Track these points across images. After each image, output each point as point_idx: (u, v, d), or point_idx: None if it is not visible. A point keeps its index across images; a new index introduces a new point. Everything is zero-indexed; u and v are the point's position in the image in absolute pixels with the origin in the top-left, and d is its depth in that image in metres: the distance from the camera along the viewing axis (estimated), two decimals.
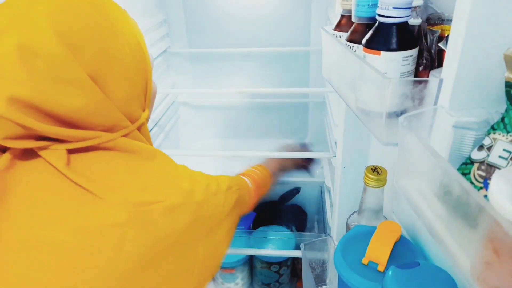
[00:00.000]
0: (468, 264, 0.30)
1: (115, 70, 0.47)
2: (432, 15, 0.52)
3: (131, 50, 0.50)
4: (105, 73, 0.46)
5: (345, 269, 0.52)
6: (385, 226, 0.55)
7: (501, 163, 0.33)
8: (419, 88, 0.42)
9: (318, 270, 0.80)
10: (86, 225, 0.42)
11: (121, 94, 0.49)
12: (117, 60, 0.47)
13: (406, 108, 0.44)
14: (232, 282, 1.30)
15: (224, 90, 1.21)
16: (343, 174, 0.86)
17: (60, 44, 0.41)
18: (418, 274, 0.45)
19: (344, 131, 0.81)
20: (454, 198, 0.31)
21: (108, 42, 0.46)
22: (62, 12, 0.42)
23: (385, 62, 0.46)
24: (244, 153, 1.13)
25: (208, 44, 1.37)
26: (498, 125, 0.34)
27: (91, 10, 0.45)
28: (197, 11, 1.32)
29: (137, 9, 1.11)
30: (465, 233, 0.30)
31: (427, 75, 0.48)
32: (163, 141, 1.31)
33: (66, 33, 0.42)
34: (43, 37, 0.40)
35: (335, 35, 0.62)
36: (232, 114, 1.51)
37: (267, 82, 1.41)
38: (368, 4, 0.51)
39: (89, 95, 0.44)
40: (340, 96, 0.61)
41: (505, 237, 0.24)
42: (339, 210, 0.91)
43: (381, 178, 0.58)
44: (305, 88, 1.39)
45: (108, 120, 0.47)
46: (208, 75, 1.43)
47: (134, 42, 0.52)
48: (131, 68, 0.50)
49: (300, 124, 1.51)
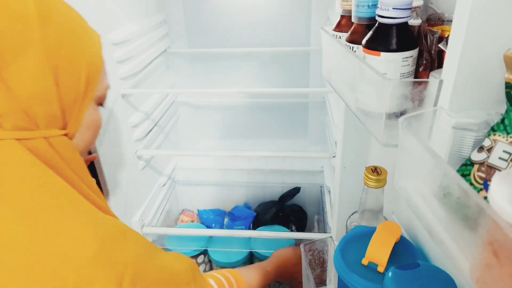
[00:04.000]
0: (468, 266, 0.30)
1: (24, 51, 0.40)
2: (432, 16, 0.52)
3: (61, 45, 0.43)
4: (7, 49, 0.39)
5: (345, 270, 0.52)
6: (385, 227, 0.55)
7: (501, 165, 0.33)
8: (419, 89, 0.42)
9: (318, 270, 0.80)
10: None
11: (25, 86, 0.41)
12: (29, 41, 0.41)
13: (406, 109, 0.44)
14: None
15: (224, 90, 1.21)
16: (343, 175, 0.86)
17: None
18: (418, 275, 0.45)
19: (344, 131, 0.81)
20: (454, 199, 0.31)
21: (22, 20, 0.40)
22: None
23: (385, 63, 0.46)
24: (244, 153, 1.13)
25: (208, 44, 1.37)
26: (498, 126, 0.34)
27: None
28: (197, 11, 1.31)
29: (137, 9, 1.10)
30: (464, 235, 0.30)
31: (427, 76, 0.48)
32: (163, 141, 1.31)
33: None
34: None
35: (335, 35, 0.62)
36: (232, 114, 1.51)
37: (267, 82, 1.41)
38: (368, 5, 0.51)
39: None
40: (340, 96, 0.61)
41: (505, 240, 0.24)
42: (339, 210, 0.91)
43: (381, 179, 0.58)
44: (305, 88, 1.39)
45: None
46: (208, 75, 1.43)
47: (71, 40, 0.44)
48: (46, 60, 0.42)
49: (300, 124, 1.51)
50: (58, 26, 0.43)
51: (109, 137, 0.92)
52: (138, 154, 1.10)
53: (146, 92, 1.19)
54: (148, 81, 1.19)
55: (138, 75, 1.09)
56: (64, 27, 0.44)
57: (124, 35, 0.98)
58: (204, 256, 1.28)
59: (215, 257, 1.25)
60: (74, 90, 0.45)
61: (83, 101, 0.47)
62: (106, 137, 0.90)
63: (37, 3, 0.42)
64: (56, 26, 0.43)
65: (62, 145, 0.44)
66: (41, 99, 0.42)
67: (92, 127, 0.50)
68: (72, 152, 0.46)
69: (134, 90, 1.04)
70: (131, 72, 1.03)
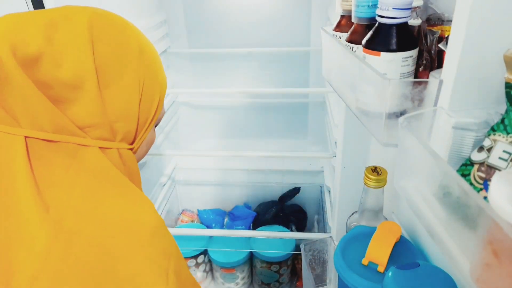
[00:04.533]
0: (468, 265, 0.30)
1: (123, 75, 0.47)
2: (432, 16, 0.52)
3: (147, 71, 0.50)
4: (111, 71, 0.46)
5: (345, 270, 0.52)
6: (385, 227, 0.55)
7: (501, 165, 0.33)
8: (419, 89, 0.42)
9: (318, 270, 0.80)
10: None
11: (117, 105, 0.47)
12: (128, 68, 0.48)
13: (406, 109, 0.44)
14: (232, 282, 1.30)
15: (224, 90, 1.21)
16: (343, 175, 0.86)
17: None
18: (418, 275, 0.45)
19: (344, 131, 0.81)
20: (454, 199, 0.31)
21: (126, 49, 0.48)
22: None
23: (385, 63, 0.46)
24: (244, 153, 1.13)
25: (208, 44, 1.37)
26: (498, 126, 0.34)
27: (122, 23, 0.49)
28: (197, 11, 1.32)
29: (137, 9, 1.10)
30: (464, 235, 0.30)
31: (427, 76, 0.48)
32: (163, 141, 1.31)
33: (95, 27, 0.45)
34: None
35: (335, 35, 0.62)
36: (232, 114, 1.51)
37: (267, 82, 1.41)
38: (368, 5, 0.51)
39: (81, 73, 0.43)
40: (340, 96, 0.61)
41: (505, 239, 0.24)
42: (339, 210, 0.91)
43: (381, 179, 0.58)
44: (305, 88, 1.39)
45: (90, 119, 0.45)
46: (208, 75, 1.43)
47: (152, 72, 0.52)
48: (138, 85, 0.49)
49: (300, 124, 1.51)
50: (148, 57, 0.51)
51: None
52: None
53: None
54: None
55: None
56: (151, 61, 0.52)
57: None
58: (204, 256, 1.28)
59: (215, 257, 1.25)
60: (148, 113, 0.52)
61: (151, 122, 0.53)
62: None
63: (137, 38, 0.50)
64: (147, 57, 0.51)
65: (128, 157, 0.51)
66: (125, 117, 0.49)
67: (148, 144, 0.58)
68: (134, 164, 0.52)
69: None
70: None
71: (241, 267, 1.27)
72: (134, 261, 0.41)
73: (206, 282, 1.34)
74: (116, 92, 0.47)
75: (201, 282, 1.32)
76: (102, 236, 0.40)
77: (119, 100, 0.47)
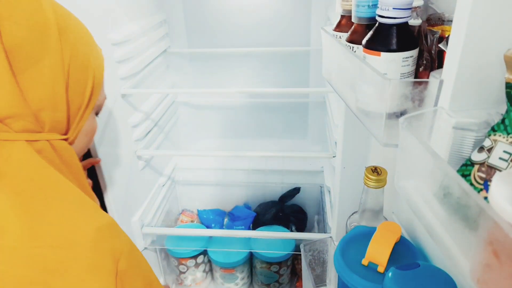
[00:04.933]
0: (468, 266, 0.30)
1: (41, 57, 0.42)
2: (433, 16, 0.52)
3: (74, 61, 0.46)
4: (26, 53, 0.41)
5: (345, 270, 0.52)
6: (385, 227, 0.55)
7: (501, 165, 0.33)
8: (419, 89, 0.42)
9: (318, 270, 0.80)
10: None
11: (38, 91, 0.42)
12: (47, 48, 0.43)
13: (406, 109, 0.44)
14: (232, 282, 1.30)
15: (224, 90, 1.21)
16: (343, 175, 0.86)
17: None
18: (418, 275, 0.45)
19: (344, 131, 0.81)
20: (454, 199, 0.31)
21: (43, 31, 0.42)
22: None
23: (385, 63, 0.46)
24: (244, 153, 1.13)
25: (208, 44, 1.37)
26: (498, 126, 0.34)
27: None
28: (197, 11, 1.31)
29: (137, 9, 1.10)
30: (465, 235, 0.30)
31: (427, 76, 0.48)
32: (163, 141, 1.30)
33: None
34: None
35: (335, 35, 0.62)
36: (232, 114, 1.51)
37: (267, 82, 1.41)
38: (368, 5, 0.51)
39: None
40: (340, 96, 0.61)
41: (505, 240, 0.24)
42: (339, 210, 0.91)
43: (381, 179, 0.58)
44: (305, 88, 1.39)
45: (8, 109, 0.40)
46: (208, 75, 1.43)
47: (82, 61, 0.46)
48: (61, 67, 0.44)
49: (300, 124, 1.51)
50: (72, 38, 0.46)
51: (109, 137, 0.91)
52: (138, 154, 1.10)
53: (146, 92, 1.19)
54: (148, 81, 1.19)
55: (138, 75, 1.09)
56: (77, 39, 0.47)
57: (124, 35, 0.98)
58: (204, 256, 1.28)
59: (215, 257, 1.25)
60: (80, 99, 0.48)
61: (86, 109, 0.49)
62: (106, 137, 0.90)
63: (56, 16, 0.45)
64: (71, 38, 0.46)
65: (63, 148, 0.46)
66: (51, 105, 0.44)
67: (88, 134, 0.53)
68: (71, 156, 0.47)
69: (134, 90, 1.04)
70: (131, 72, 1.03)
71: (240, 267, 1.27)
72: (73, 274, 0.38)
73: (206, 283, 1.34)
74: (35, 76, 0.42)
75: (201, 282, 1.32)
76: (38, 253, 0.38)
77: (40, 86, 0.43)
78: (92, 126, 0.53)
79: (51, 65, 0.43)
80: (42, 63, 0.42)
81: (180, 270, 1.28)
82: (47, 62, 0.43)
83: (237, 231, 1.28)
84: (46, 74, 0.43)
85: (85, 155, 0.77)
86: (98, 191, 0.89)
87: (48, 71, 0.43)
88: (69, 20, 0.47)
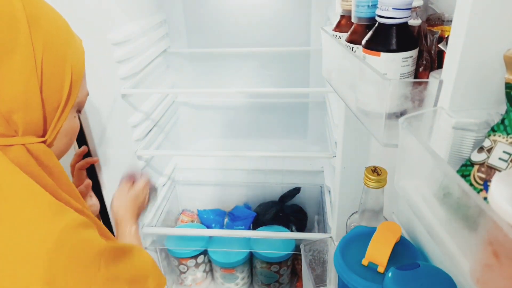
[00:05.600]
0: (468, 266, 0.30)
1: (9, 54, 0.38)
2: (432, 16, 0.52)
3: (48, 57, 0.42)
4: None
5: (345, 270, 0.52)
6: (385, 227, 0.55)
7: (501, 165, 0.33)
8: (419, 89, 0.42)
9: (318, 270, 0.80)
10: None
11: (8, 92, 0.38)
12: (15, 44, 0.39)
13: (406, 109, 0.44)
14: (232, 282, 1.30)
15: (223, 90, 1.21)
16: (343, 175, 0.86)
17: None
18: (418, 275, 0.45)
19: (344, 131, 0.81)
20: (454, 200, 0.31)
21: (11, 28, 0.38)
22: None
23: (385, 63, 0.46)
24: (244, 153, 1.13)
25: (208, 44, 1.37)
26: (498, 126, 0.34)
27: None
28: (197, 11, 1.31)
29: (137, 9, 1.10)
30: (464, 235, 0.30)
31: (427, 76, 0.48)
32: (163, 141, 1.31)
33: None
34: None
35: (335, 35, 0.62)
36: (232, 114, 1.51)
37: (267, 82, 1.41)
38: (368, 5, 0.51)
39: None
40: (340, 96, 0.61)
41: (505, 240, 0.24)
42: (339, 210, 0.91)
43: (381, 179, 0.58)
44: (305, 88, 1.39)
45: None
46: (208, 75, 1.43)
47: (56, 52, 0.42)
48: (32, 64, 0.40)
49: (300, 124, 1.51)
50: (45, 31, 0.42)
51: (109, 137, 0.91)
52: (138, 154, 1.10)
53: (146, 92, 1.19)
54: (148, 81, 1.19)
55: (138, 75, 1.09)
56: (51, 32, 0.42)
57: (124, 35, 0.98)
58: (204, 256, 1.28)
59: (215, 257, 1.25)
60: (58, 96, 0.44)
61: (64, 107, 0.45)
62: (106, 137, 0.90)
63: (26, 6, 0.40)
64: (43, 31, 0.41)
65: (40, 152, 0.42)
66: (23, 105, 0.40)
67: (69, 134, 0.48)
68: (51, 159, 0.44)
69: (134, 90, 1.04)
70: (131, 72, 1.03)
71: (241, 267, 1.27)
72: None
73: (206, 283, 1.34)
74: (3, 74, 0.38)
75: (201, 282, 1.32)
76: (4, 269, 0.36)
77: (9, 85, 0.39)
78: (72, 125, 0.48)
79: (21, 60, 0.39)
80: (10, 58, 0.38)
81: (180, 270, 1.28)
82: (16, 56, 0.38)
83: (237, 231, 1.28)
84: (15, 72, 0.39)
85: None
86: (98, 191, 0.89)
87: (17, 67, 0.39)
88: (40, 8, 0.42)
